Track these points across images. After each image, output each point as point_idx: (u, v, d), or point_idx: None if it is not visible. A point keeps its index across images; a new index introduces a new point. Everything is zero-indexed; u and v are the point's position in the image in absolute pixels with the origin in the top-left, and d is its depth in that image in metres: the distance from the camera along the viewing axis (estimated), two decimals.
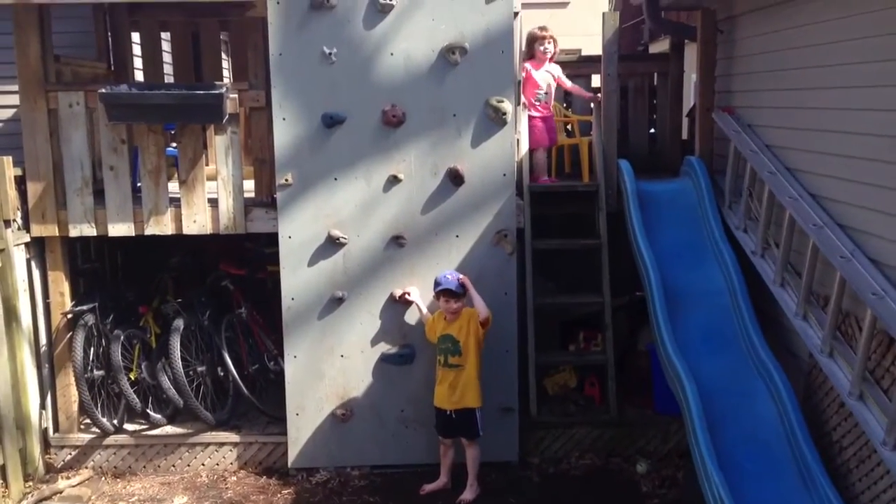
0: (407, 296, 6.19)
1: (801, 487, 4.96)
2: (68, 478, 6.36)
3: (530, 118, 6.89)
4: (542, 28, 7.00)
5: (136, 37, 8.01)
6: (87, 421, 6.63)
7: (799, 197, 5.40)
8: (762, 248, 5.87)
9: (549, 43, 6.89)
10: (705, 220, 6.51)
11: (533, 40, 6.96)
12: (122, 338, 6.47)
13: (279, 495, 6.11)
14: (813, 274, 5.14)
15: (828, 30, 5.25)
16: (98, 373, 6.51)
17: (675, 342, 5.75)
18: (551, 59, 6.99)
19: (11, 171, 6.11)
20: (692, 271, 6.27)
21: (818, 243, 4.99)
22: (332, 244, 6.20)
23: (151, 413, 6.60)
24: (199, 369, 6.63)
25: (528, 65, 6.90)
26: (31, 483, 6.25)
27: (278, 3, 5.95)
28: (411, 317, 6.27)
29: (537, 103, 6.92)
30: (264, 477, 6.41)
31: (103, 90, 6.03)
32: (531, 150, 6.90)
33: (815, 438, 5.10)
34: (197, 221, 6.33)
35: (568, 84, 7.20)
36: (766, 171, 5.76)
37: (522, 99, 6.71)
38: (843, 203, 5.06)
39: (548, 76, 6.96)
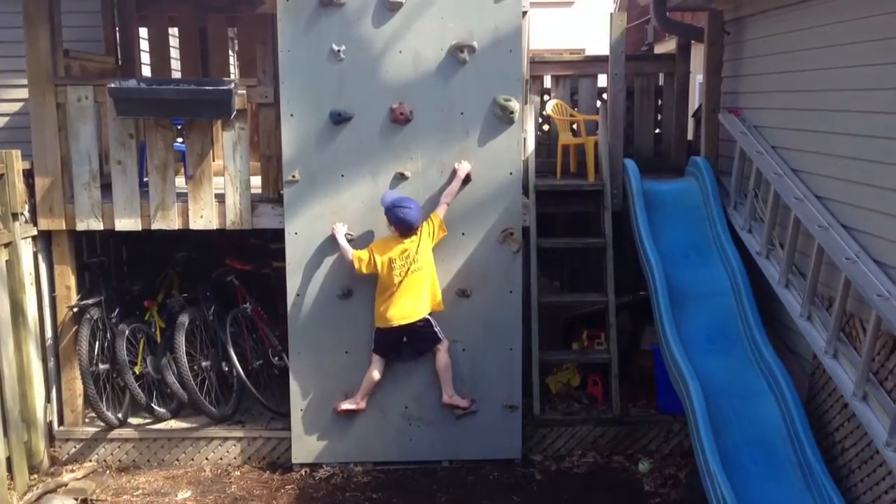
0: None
1: (804, 488, 4.99)
2: (73, 471, 6.38)
3: None
4: None
5: (143, 32, 8.03)
6: (92, 414, 6.64)
7: (804, 198, 5.42)
8: (767, 248, 5.89)
9: None
10: (710, 221, 6.53)
11: None
12: (127, 332, 6.49)
13: (282, 490, 6.13)
14: (818, 275, 5.16)
15: (833, 33, 5.27)
16: (103, 366, 6.53)
17: (679, 342, 5.77)
18: None
19: (20, 165, 6.13)
20: (696, 271, 6.29)
21: (823, 245, 5.01)
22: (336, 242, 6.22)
23: (156, 407, 6.63)
24: (204, 364, 6.65)
25: None
26: (35, 476, 6.28)
27: (288, 0, 5.96)
28: None
29: None
30: (268, 472, 6.43)
31: (113, 85, 6.05)
32: None
33: (818, 439, 5.13)
34: (203, 216, 6.35)
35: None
36: (772, 173, 5.78)
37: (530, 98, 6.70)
38: (848, 205, 5.08)
39: None
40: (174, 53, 8.35)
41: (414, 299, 6.03)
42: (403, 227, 5.96)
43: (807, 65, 5.65)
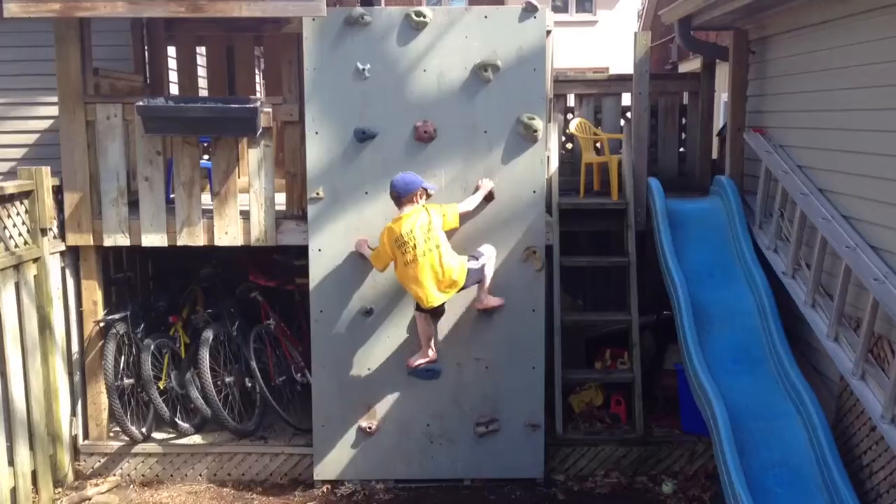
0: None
1: None
2: (97, 485, 6.43)
3: None
4: None
5: (171, 51, 8.14)
6: (117, 429, 6.69)
7: (831, 218, 5.37)
8: (793, 268, 5.84)
9: None
10: (735, 240, 6.49)
11: None
12: (152, 347, 6.53)
13: None
14: (845, 296, 5.10)
15: (860, 52, 5.24)
16: (128, 381, 6.58)
17: (703, 362, 5.72)
18: None
19: (49, 181, 6.22)
20: (721, 290, 6.24)
21: (851, 265, 4.96)
22: (361, 258, 6.24)
23: (179, 422, 6.66)
24: (227, 380, 6.69)
25: None
26: (60, 489, 6.32)
27: (314, 19, 6.02)
28: (439, 332, 6.27)
29: None
30: (289, 488, 6.43)
31: (141, 103, 6.12)
32: None
33: (845, 462, 5.05)
34: (228, 233, 6.40)
35: None
36: (798, 192, 5.74)
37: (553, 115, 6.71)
38: (875, 225, 5.03)
39: None
40: (201, 72, 8.45)
41: (438, 278, 5.79)
42: (392, 191, 5.88)
43: (832, 84, 5.61)
